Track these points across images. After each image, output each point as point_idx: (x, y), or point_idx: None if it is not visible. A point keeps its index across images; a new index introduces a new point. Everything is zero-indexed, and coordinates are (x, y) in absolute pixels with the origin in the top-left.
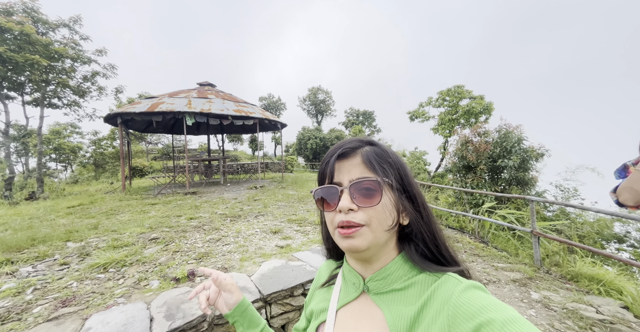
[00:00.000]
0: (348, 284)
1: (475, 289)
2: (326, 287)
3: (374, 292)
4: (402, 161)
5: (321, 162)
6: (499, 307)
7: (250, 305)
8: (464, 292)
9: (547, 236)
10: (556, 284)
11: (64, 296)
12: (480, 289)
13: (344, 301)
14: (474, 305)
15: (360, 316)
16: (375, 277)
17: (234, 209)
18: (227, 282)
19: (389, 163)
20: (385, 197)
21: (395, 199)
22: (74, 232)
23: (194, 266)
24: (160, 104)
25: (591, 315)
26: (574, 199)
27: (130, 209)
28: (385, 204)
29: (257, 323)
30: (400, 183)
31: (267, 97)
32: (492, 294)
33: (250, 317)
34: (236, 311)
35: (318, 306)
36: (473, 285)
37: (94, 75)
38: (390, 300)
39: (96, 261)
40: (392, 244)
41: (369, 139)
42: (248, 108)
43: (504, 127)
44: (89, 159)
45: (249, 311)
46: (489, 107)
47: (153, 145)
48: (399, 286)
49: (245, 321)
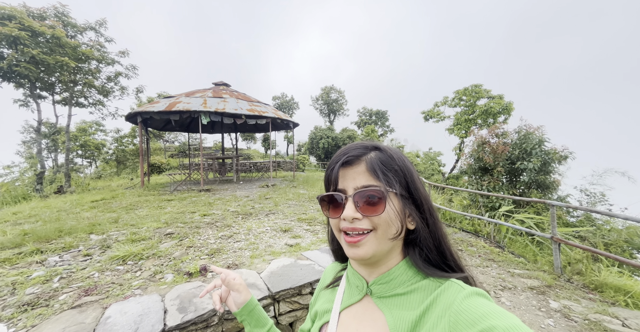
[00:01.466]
0: (352, 287)
1: (477, 296)
2: (331, 289)
3: (376, 295)
4: (409, 166)
5: (326, 168)
6: (500, 314)
7: (258, 305)
8: (466, 299)
9: (568, 243)
10: (578, 293)
11: (86, 286)
12: (483, 297)
13: (347, 303)
14: (476, 312)
15: (362, 318)
16: (379, 281)
17: (245, 206)
18: (236, 282)
19: (394, 170)
20: (390, 205)
21: (400, 207)
22: (96, 225)
23: (206, 261)
24: (177, 103)
25: (617, 328)
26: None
27: (148, 204)
28: (389, 213)
29: (263, 323)
30: (406, 189)
31: (280, 97)
32: (507, 302)
33: (258, 317)
34: (244, 310)
35: (322, 306)
36: (476, 292)
37: (117, 76)
38: (392, 304)
39: (116, 253)
40: (397, 249)
41: (375, 144)
42: (261, 107)
43: (524, 128)
44: (112, 155)
45: (256, 310)
46: (509, 107)
47: (170, 143)
48: (402, 290)
49: (253, 320)
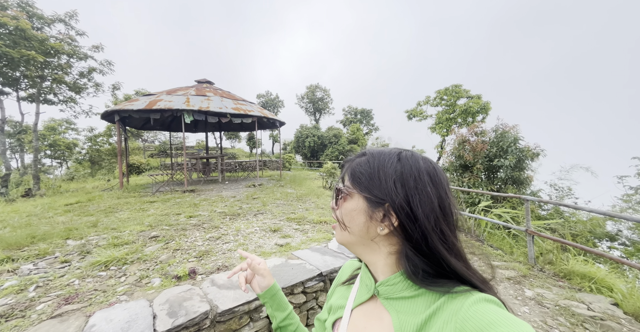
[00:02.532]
0: (363, 285)
1: (486, 303)
2: (346, 286)
3: (383, 296)
4: (386, 172)
5: None
6: (510, 322)
7: (280, 291)
8: (473, 305)
9: (541, 235)
10: (549, 281)
11: (66, 294)
12: (493, 303)
13: (359, 301)
14: (484, 319)
15: (370, 317)
16: (386, 282)
17: (233, 207)
18: (260, 267)
19: (360, 173)
20: (350, 203)
21: (363, 207)
22: (73, 230)
23: (194, 264)
24: (158, 101)
25: (582, 312)
26: (568, 198)
27: (128, 206)
28: (346, 209)
29: (284, 308)
30: (373, 193)
31: (265, 95)
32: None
33: (279, 301)
34: (267, 293)
35: (337, 302)
36: (485, 298)
37: (90, 72)
38: (399, 306)
39: (97, 259)
40: (382, 253)
41: (364, 151)
42: (246, 106)
43: (501, 127)
44: (85, 155)
45: (277, 295)
46: (486, 106)
47: (150, 142)
48: (408, 294)
49: (274, 303)
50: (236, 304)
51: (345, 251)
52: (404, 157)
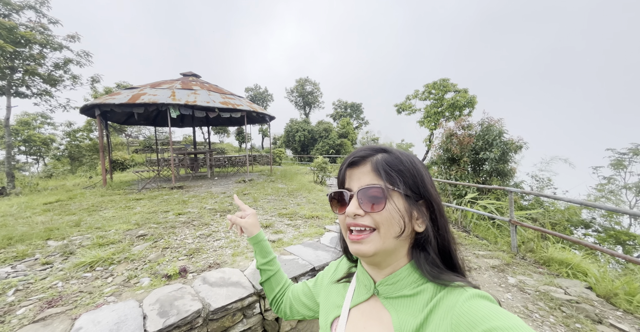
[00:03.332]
0: (360, 286)
1: (480, 298)
2: (343, 283)
3: (383, 296)
4: (419, 168)
5: (338, 169)
6: (502, 316)
7: (264, 241)
8: (467, 301)
9: (523, 225)
10: (530, 268)
11: (49, 297)
12: (486, 299)
13: (357, 301)
14: (477, 314)
15: (369, 316)
16: (385, 281)
17: (223, 203)
18: (243, 221)
19: (399, 170)
20: (392, 204)
21: (405, 207)
22: (54, 230)
23: (185, 263)
24: (142, 95)
25: (560, 296)
26: (548, 189)
27: (113, 204)
28: (391, 211)
29: (265, 255)
30: (414, 190)
31: (253, 88)
32: (472, 281)
33: (261, 248)
34: (251, 240)
35: (334, 300)
36: (478, 294)
37: (66, 63)
38: (399, 305)
39: (81, 260)
40: (403, 251)
41: (382, 147)
42: (235, 100)
43: (486, 121)
44: (64, 151)
45: (261, 244)
46: (472, 100)
47: (133, 137)
48: (408, 292)
49: (258, 249)
50: (229, 301)
51: (338, 246)
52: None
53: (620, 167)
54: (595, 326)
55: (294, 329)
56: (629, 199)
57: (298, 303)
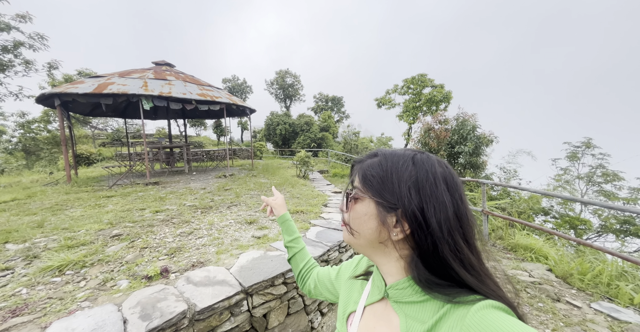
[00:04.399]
0: (374, 286)
1: (493, 309)
2: (361, 280)
3: (393, 299)
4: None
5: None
6: (517, 329)
7: (289, 220)
8: (479, 311)
9: (494, 214)
10: (499, 254)
11: (12, 305)
12: (500, 309)
13: (371, 300)
14: (490, 326)
15: (380, 317)
16: (395, 286)
17: (203, 199)
18: (274, 202)
19: (371, 176)
20: (361, 207)
21: (374, 212)
22: (12, 232)
23: (166, 262)
24: (110, 84)
25: (525, 279)
26: (514, 179)
27: (81, 203)
28: (357, 212)
29: (290, 233)
30: (384, 198)
31: (231, 79)
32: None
33: (287, 227)
34: (279, 219)
35: (353, 295)
36: (492, 304)
37: (16, 46)
38: (408, 310)
39: (48, 264)
40: (392, 257)
41: (377, 151)
42: (213, 92)
43: (461, 116)
44: (17, 144)
45: (287, 223)
46: (448, 95)
47: (100, 130)
48: (417, 298)
49: (284, 228)
50: (216, 300)
51: (324, 240)
52: (419, 160)
53: (574, 159)
54: (554, 304)
55: (282, 324)
56: (581, 187)
57: (322, 286)
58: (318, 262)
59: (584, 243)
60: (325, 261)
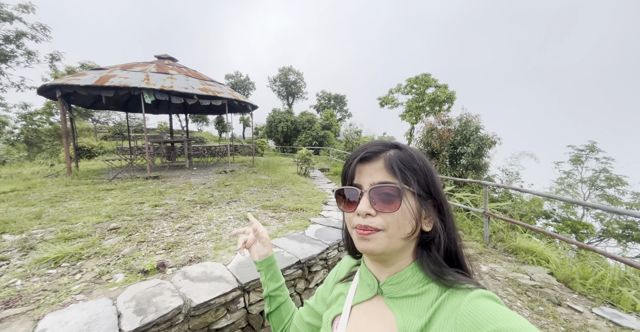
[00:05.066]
0: (363, 284)
1: (485, 298)
2: (345, 282)
3: (387, 295)
4: (429, 167)
5: (345, 163)
6: (509, 317)
7: (276, 263)
8: (472, 301)
9: (495, 216)
10: (500, 257)
11: (6, 296)
12: (491, 299)
13: (359, 299)
14: (482, 314)
15: (372, 315)
16: (390, 281)
17: (203, 195)
18: (263, 236)
19: (413, 169)
20: (406, 204)
21: (417, 207)
22: (10, 223)
23: (163, 257)
24: (112, 77)
25: (526, 282)
26: (516, 182)
27: (80, 195)
28: (404, 211)
29: (277, 279)
30: (425, 190)
31: (234, 76)
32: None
33: (274, 272)
34: (264, 262)
35: (336, 298)
36: (483, 294)
37: (19, 37)
38: (403, 305)
39: (44, 255)
40: (410, 250)
41: (395, 143)
42: (216, 87)
43: (465, 116)
44: (19, 136)
45: (273, 266)
46: (452, 96)
47: (102, 123)
48: (413, 292)
49: (269, 273)
50: (212, 296)
51: (323, 238)
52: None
53: (578, 163)
54: (555, 308)
55: None
56: (584, 191)
57: (304, 327)
58: (317, 260)
59: (587, 247)
60: (324, 259)
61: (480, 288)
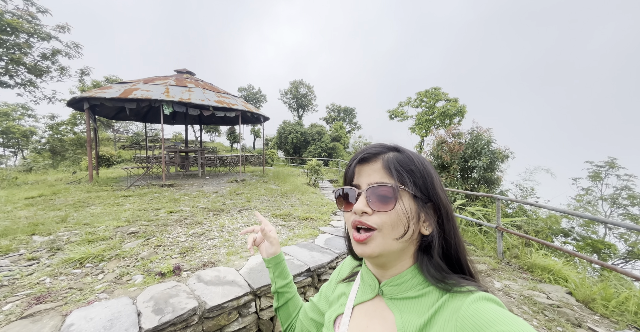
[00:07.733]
0: (365, 285)
1: (486, 301)
2: (347, 282)
3: (388, 296)
4: (429, 170)
5: (347, 165)
6: (510, 320)
7: (284, 261)
8: (473, 303)
9: (509, 231)
10: (515, 274)
11: (37, 293)
12: (493, 302)
13: (360, 300)
14: (483, 317)
15: (373, 315)
16: (390, 283)
17: (216, 202)
18: (271, 235)
19: (410, 170)
20: (401, 204)
21: (414, 208)
22: (39, 225)
23: (178, 261)
24: (135, 90)
25: (543, 300)
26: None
27: (101, 201)
28: (399, 211)
29: (285, 276)
30: (424, 192)
31: (246, 88)
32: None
33: (282, 269)
34: (272, 260)
35: (338, 297)
36: (484, 297)
37: (54, 54)
38: (403, 306)
39: (70, 256)
40: (409, 252)
41: (395, 145)
42: (230, 99)
43: (476, 130)
44: (45, 145)
45: (281, 264)
46: (462, 109)
47: (121, 133)
48: (413, 294)
49: (277, 271)
50: (225, 299)
51: (332, 247)
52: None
53: (597, 179)
54: (574, 329)
55: None
56: (605, 209)
57: (308, 322)
58: (326, 268)
59: (609, 267)
60: (334, 268)
61: (482, 290)
